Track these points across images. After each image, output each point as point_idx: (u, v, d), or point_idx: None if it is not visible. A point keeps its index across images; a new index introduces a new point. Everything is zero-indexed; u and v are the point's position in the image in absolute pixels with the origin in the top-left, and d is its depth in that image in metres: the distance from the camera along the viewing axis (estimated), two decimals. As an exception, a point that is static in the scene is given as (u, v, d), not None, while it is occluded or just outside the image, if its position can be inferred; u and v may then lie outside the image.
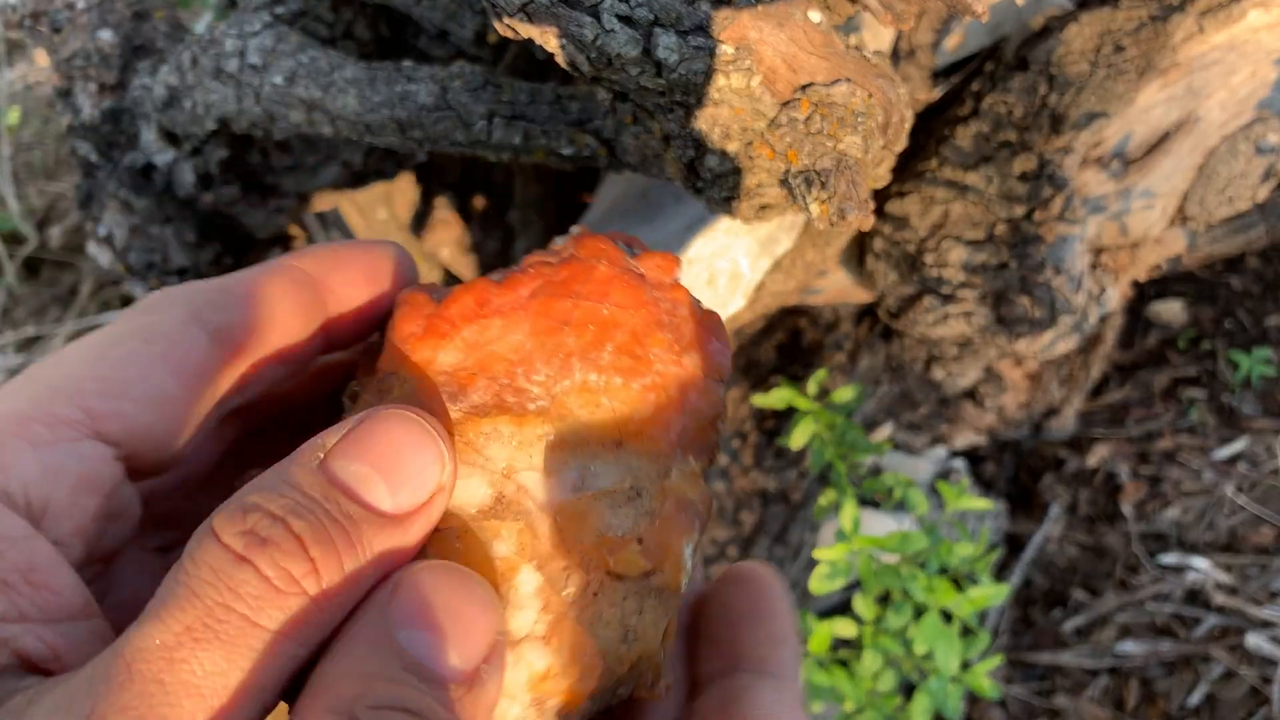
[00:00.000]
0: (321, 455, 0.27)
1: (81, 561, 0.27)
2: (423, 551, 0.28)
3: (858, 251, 0.98)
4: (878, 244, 0.94)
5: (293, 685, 0.26)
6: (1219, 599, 1.13)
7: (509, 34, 0.47)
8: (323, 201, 1.00)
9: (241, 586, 0.24)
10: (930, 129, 0.90)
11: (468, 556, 0.29)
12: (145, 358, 0.28)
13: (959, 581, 0.93)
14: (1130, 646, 1.13)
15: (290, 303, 0.32)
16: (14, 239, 1.67)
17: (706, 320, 0.33)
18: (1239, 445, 1.23)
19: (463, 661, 0.26)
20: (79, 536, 0.27)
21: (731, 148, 0.53)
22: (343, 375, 0.36)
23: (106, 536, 0.28)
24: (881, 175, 0.59)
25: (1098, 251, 0.91)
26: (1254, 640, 1.08)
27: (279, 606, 0.25)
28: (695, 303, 0.33)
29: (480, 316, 0.31)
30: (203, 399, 0.30)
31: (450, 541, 0.29)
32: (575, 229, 0.35)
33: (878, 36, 0.74)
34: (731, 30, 0.48)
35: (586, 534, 0.29)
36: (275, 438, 0.35)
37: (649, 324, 0.31)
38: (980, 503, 0.90)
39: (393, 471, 0.27)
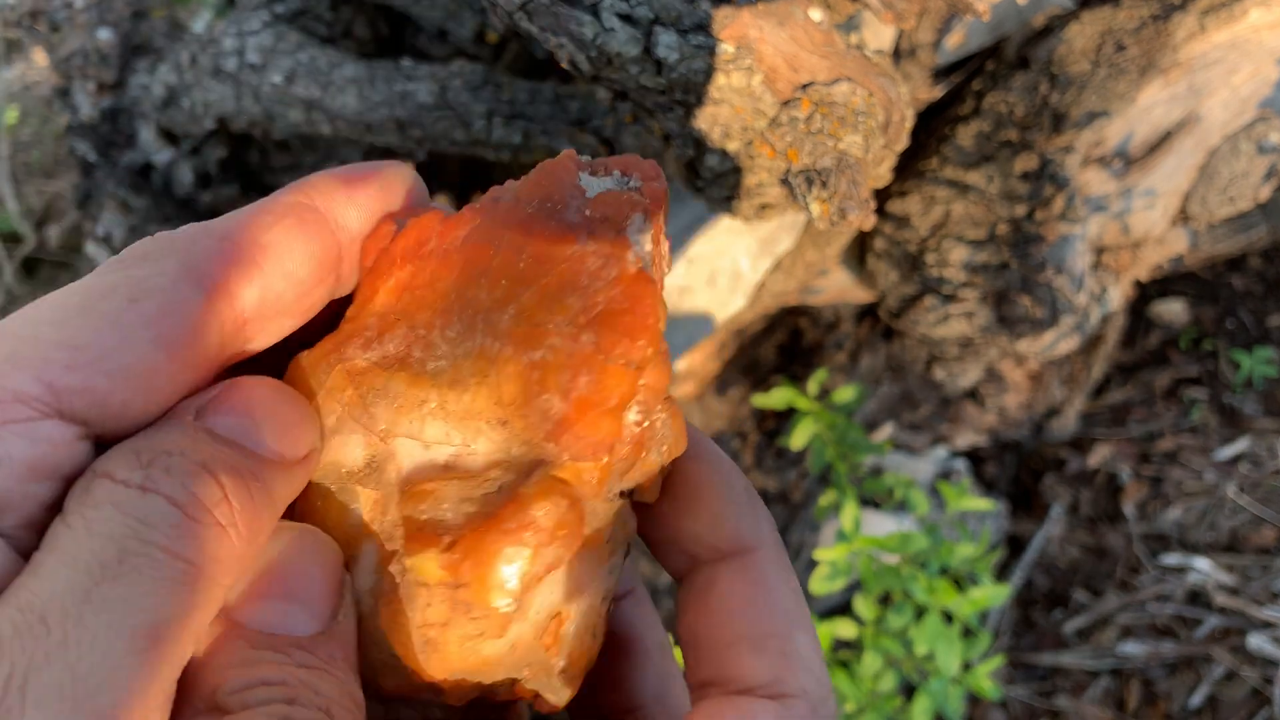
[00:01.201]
0: (191, 415, 0.25)
1: (30, 551, 0.24)
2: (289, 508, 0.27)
3: (858, 251, 0.98)
4: (879, 243, 0.94)
5: None
6: (1220, 599, 1.12)
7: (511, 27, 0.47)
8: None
9: (152, 516, 0.22)
10: (931, 128, 0.90)
11: (325, 517, 0.27)
12: (128, 321, 0.24)
13: (960, 582, 0.93)
14: (1132, 647, 1.13)
15: (301, 249, 0.28)
16: (12, 239, 1.67)
17: (636, 289, 0.26)
18: (1241, 445, 1.23)
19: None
20: (29, 529, 0.24)
21: (732, 147, 0.52)
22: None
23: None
24: (882, 174, 0.59)
25: (1099, 251, 0.90)
26: (1256, 641, 1.08)
27: (197, 535, 0.22)
28: (640, 264, 0.27)
29: (417, 257, 0.28)
30: (193, 367, 0.26)
31: (313, 499, 0.28)
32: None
33: (879, 35, 0.74)
34: (732, 29, 0.47)
35: (418, 520, 0.27)
36: None
37: (562, 285, 0.27)
38: (981, 503, 0.90)
39: (271, 420, 0.26)
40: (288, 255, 0.27)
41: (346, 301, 0.30)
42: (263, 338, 0.28)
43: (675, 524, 0.30)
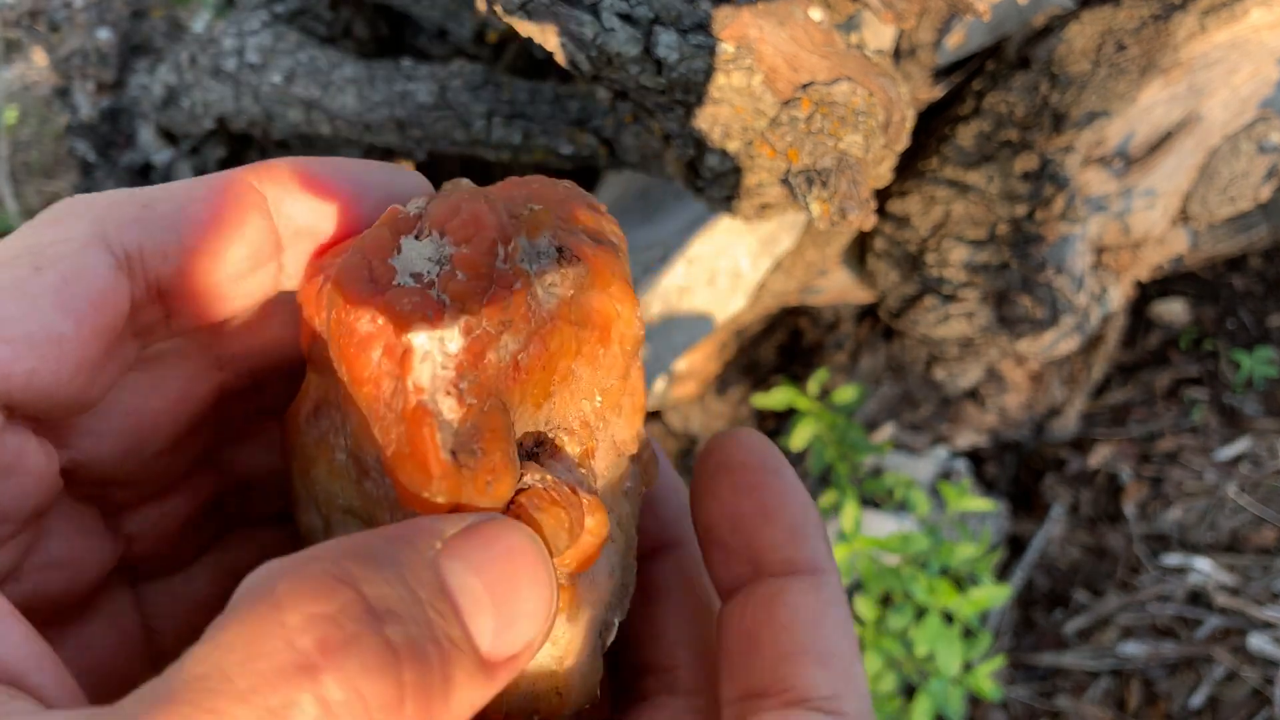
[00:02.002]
0: (438, 545, 0.21)
1: None
2: None
3: (859, 251, 0.98)
4: (879, 243, 0.93)
5: None
6: (1221, 600, 1.12)
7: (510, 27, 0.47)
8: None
9: (293, 714, 0.18)
10: (932, 128, 0.90)
11: None
12: (31, 288, 0.23)
13: (960, 582, 0.93)
14: (1132, 648, 1.13)
15: (230, 229, 0.25)
16: (13, 239, 1.67)
17: (414, 429, 0.24)
18: (1241, 446, 1.23)
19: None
20: None
21: (732, 146, 0.52)
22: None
23: (3, 496, 0.23)
24: (883, 174, 0.59)
25: (1099, 251, 0.90)
26: (1256, 641, 1.08)
27: None
28: (420, 394, 0.24)
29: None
30: (107, 337, 0.24)
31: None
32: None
33: (879, 35, 0.74)
34: (732, 28, 0.47)
35: None
36: (263, 393, 0.31)
37: (370, 411, 0.25)
38: (982, 503, 0.90)
39: (505, 604, 0.21)
40: (213, 232, 0.25)
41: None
42: (189, 316, 0.26)
43: (751, 531, 0.29)
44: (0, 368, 0.22)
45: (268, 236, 0.26)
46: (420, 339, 0.23)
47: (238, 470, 0.32)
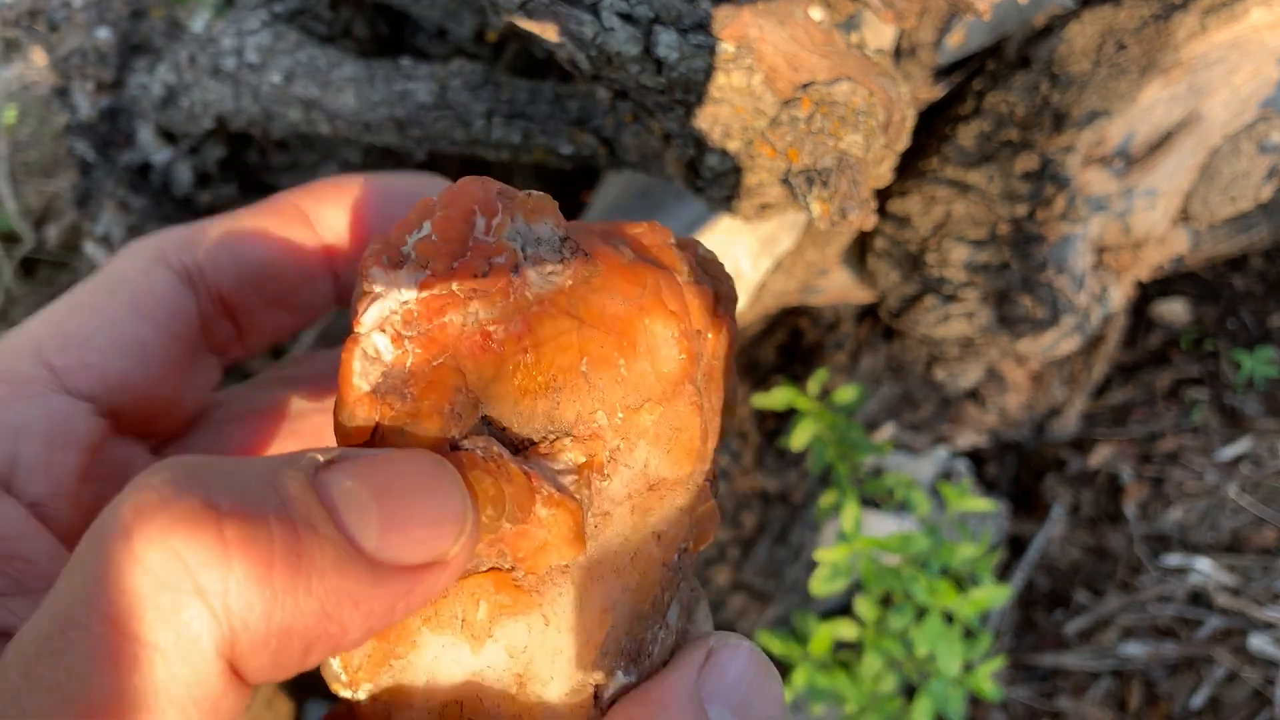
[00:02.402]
0: (320, 459, 0.22)
1: (71, 526, 0.24)
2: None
3: (859, 251, 0.97)
4: (879, 243, 0.93)
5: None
6: (1222, 600, 1.12)
7: (513, 25, 0.47)
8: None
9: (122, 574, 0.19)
10: (932, 127, 0.90)
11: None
12: (109, 305, 0.26)
13: (961, 583, 0.93)
14: (1133, 648, 1.12)
15: (276, 240, 0.28)
16: (10, 238, 1.67)
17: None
18: (1242, 446, 1.23)
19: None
20: (62, 498, 0.24)
21: (732, 146, 0.52)
22: None
23: (106, 498, 0.24)
24: (883, 174, 0.59)
25: (1100, 251, 0.90)
26: (1257, 642, 1.08)
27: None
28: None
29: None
30: (185, 343, 0.27)
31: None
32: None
33: (879, 34, 0.74)
34: (732, 28, 0.47)
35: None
36: None
37: None
38: (982, 503, 0.90)
39: (393, 507, 0.22)
40: (261, 244, 0.28)
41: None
42: (260, 326, 0.29)
43: None
44: (94, 372, 0.25)
45: (311, 244, 0.29)
46: (375, 283, 0.25)
47: None
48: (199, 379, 0.28)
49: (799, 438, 0.91)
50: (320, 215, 0.29)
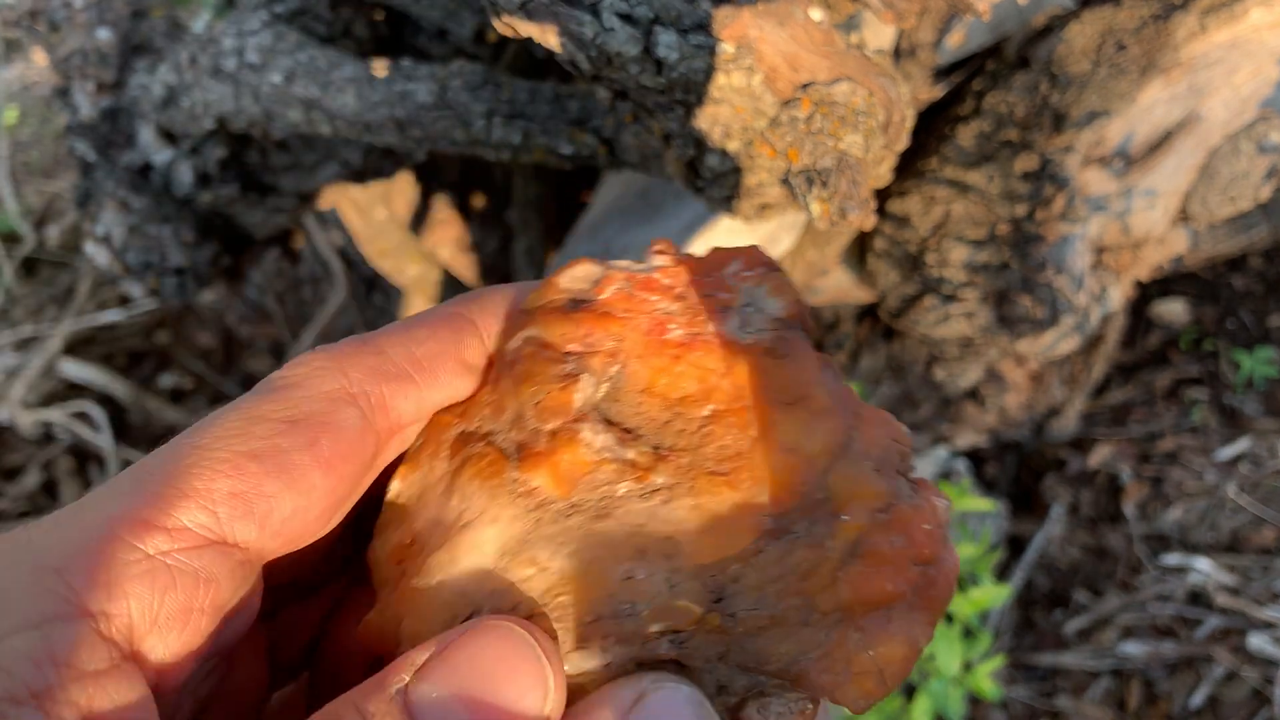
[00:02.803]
0: (406, 678, 0.23)
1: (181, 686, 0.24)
2: None
3: (859, 251, 0.98)
4: (879, 243, 0.93)
5: None
6: (1221, 600, 1.12)
7: (508, 32, 0.47)
8: (322, 200, 0.99)
9: None
10: (932, 127, 0.90)
11: None
12: (289, 445, 0.24)
13: (960, 582, 0.93)
14: (1132, 647, 1.12)
15: (454, 362, 0.28)
16: (11, 238, 1.67)
17: None
18: (1241, 446, 1.23)
19: None
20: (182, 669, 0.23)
21: (732, 146, 0.52)
22: None
23: (220, 640, 0.25)
24: (883, 174, 0.59)
25: (1100, 251, 0.90)
26: (1256, 641, 1.08)
27: None
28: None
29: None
30: (349, 480, 0.26)
31: None
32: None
33: (879, 35, 0.74)
34: (732, 28, 0.47)
35: None
36: None
37: None
38: (982, 503, 0.90)
39: (484, 709, 0.23)
40: (443, 367, 0.28)
41: None
42: (415, 435, 0.28)
43: None
44: (257, 520, 0.24)
45: (481, 358, 0.29)
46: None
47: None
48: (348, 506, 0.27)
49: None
50: (491, 329, 0.29)
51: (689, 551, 0.25)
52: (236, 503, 0.23)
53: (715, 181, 0.55)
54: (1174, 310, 1.36)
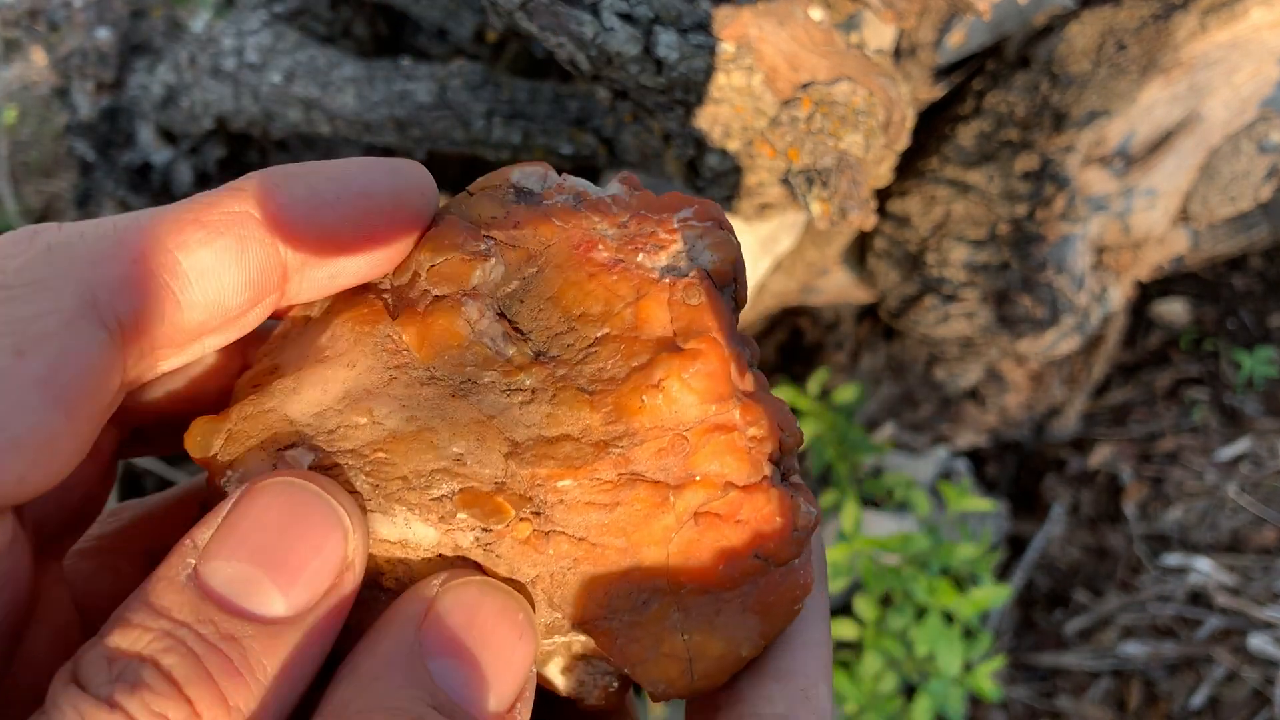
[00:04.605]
0: (192, 561, 0.22)
1: None
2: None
3: (859, 251, 0.97)
4: (879, 243, 0.93)
5: None
6: (1221, 600, 1.12)
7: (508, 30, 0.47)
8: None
9: None
10: (932, 127, 0.90)
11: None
12: (15, 381, 0.20)
13: (961, 583, 0.93)
14: (1132, 648, 1.12)
15: (235, 275, 0.23)
16: (12, 238, 1.66)
17: None
18: (1242, 446, 1.23)
19: (498, 702, 0.23)
20: None
21: (732, 146, 0.52)
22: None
23: None
24: (883, 174, 0.59)
25: (1100, 251, 0.90)
26: (1257, 641, 1.08)
27: None
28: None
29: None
30: (99, 421, 0.22)
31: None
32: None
33: (879, 34, 0.74)
34: (732, 28, 0.47)
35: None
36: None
37: None
38: (982, 503, 0.90)
39: (283, 568, 0.22)
40: (215, 282, 0.23)
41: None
42: (177, 361, 0.24)
43: None
44: None
45: (272, 272, 0.24)
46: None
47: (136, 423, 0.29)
48: (92, 440, 0.23)
49: (799, 437, 0.91)
50: (303, 241, 0.24)
51: (527, 455, 0.24)
52: None
53: (715, 181, 0.55)
54: (1174, 310, 1.36)
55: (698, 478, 0.24)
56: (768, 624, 0.25)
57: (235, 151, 0.87)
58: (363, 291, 0.27)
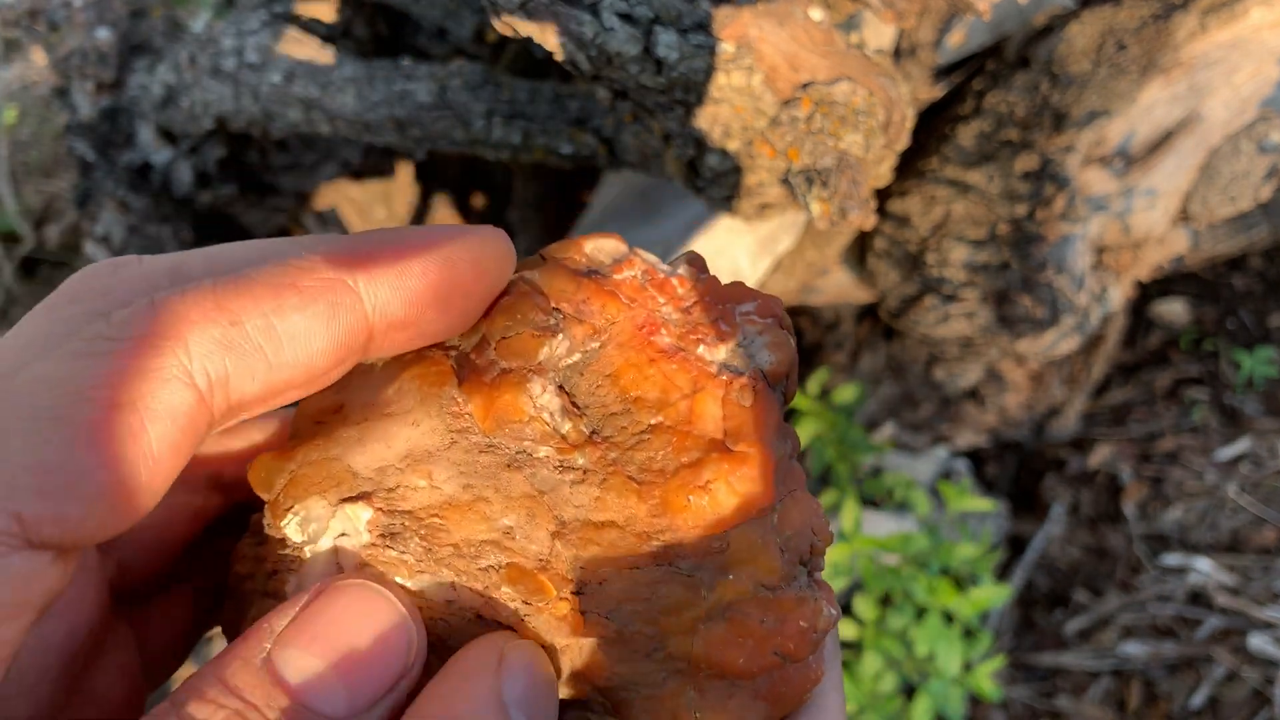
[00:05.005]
0: (268, 646, 0.23)
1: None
2: None
3: (859, 251, 0.97)
4: (879, 243, 0.93)
5: None
6: (1221, 600, 1.12)
7: (508, 32, 0.47)
8: (321, 200, 0.99)
9: None
10: (932, 127, 0.90)
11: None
12: (106, 433, 0.21)
13: (960, 582, 0.93)
14: (1132, 648, 1.12)
15: (325, 341, 0.23)
16: (11, 238, 1.67)
17: None
18: (1241, 446, 1.23)
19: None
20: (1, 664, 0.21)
21: (732, 146, 0.52)
22: None
23: (48, 637, 0.24)
24: (883, 174, 0.59)
25: (1100, 251, 0.90)
26: (1257, 641, 1.08)
27: None
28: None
29: None
30: (178, 468, 0.23)
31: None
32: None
33: (879, 34, 0.74)
34: (732, 28, 0.47)
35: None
36: None
37: None
38: (982, 503, 0.90)
39: (351, 668, 0.23)
40: (305, 345, 0.23)
41: None
42: (257, 414, 0.25)
43: None
44: (71, 524, 0.21)
45: (359, 336, 0.24)
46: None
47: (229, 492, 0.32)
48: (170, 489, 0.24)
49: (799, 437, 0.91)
50: (376, 299, 0.24)
51: (573, 537, 0.26)
52: (42, 500, 0.20)
53: (715, 181, 0.55)
54: (1174, 310, 1.36)
55: (730, 577, 0.26)
56: (777, 710, 0.26)
57: (235, 151, 0.87)
58: (430, 348, 0.27)
